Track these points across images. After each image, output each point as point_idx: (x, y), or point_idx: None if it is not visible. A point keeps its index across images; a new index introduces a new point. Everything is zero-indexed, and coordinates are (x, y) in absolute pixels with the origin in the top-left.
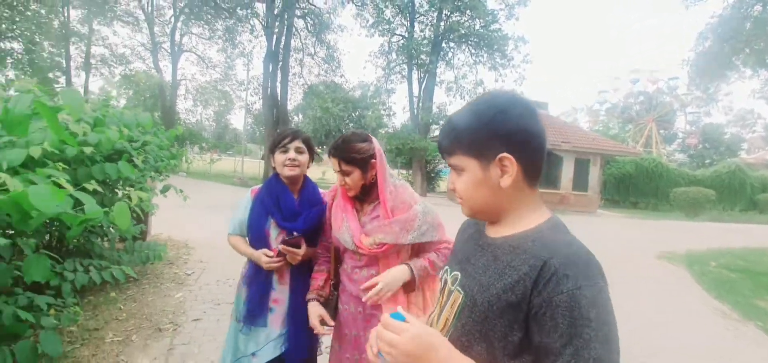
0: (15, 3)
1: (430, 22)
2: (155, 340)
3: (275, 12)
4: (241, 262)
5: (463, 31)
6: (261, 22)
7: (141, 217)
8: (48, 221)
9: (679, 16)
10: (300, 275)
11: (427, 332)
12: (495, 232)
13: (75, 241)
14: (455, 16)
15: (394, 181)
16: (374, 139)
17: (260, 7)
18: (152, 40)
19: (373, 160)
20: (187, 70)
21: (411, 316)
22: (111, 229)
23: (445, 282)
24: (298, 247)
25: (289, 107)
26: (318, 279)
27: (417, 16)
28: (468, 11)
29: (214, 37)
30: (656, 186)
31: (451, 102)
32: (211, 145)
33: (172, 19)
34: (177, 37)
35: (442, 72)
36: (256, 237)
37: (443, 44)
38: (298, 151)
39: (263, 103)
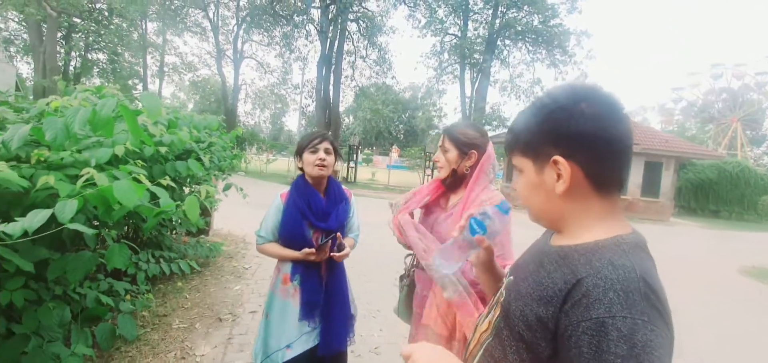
0: (101, 18)
1: (485, 19)
2: (216, 329)
3: (329, 17)
4: None
5: (519, 28)
6: (316, 28)
7: (208, 210)
8: (126, 214)
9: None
10: (331, 271)
11: (434, 349)
12: (556, 240)
13: (148, 233)
14: (512, 13)
15: (492, 187)
16: (489, 141)
17: (315, 13)
18: (217, 48)
19: (473, 151)
20: (247, 75)
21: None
22: (178, 223)
23: (502, 283)
24: (343, 247)
25: (341, 109)
26: None
27: (471, 14)
28: (526, 7)
29: (272, 44)
30: (741, 193)
31: (505, 102)
32: (268, 145)
33: (235, 28)
34: (239, 44)
35: (496, 71)
36: (294, 239)
37: (498, 42)
38: (327, 152)
39: (316, 106)
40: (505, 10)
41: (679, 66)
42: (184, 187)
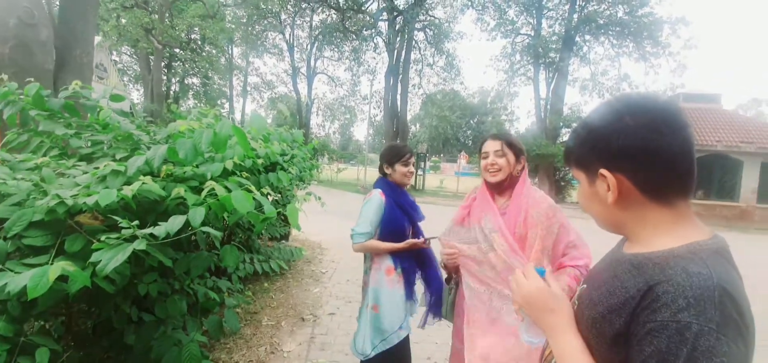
0: (195, 47)
1: (561, 15)
2: (299, 328)
3: (396, 28)
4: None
5: (602, 21)
6: (384, 40)
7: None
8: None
9: None
10: (421, 254)
11: (554, 295)
12: (628, 247)
13: (241, 237)
14: (592, 5)
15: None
16: None
17: (383, 26)
18: (293, 66)
19: (523, 157)
20: (319, 89)
21: (552, 277)
22: (264, 229)
23: (576, 292)
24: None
25: (408, 117)
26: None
27: (545, 11)
28: None
29: (342, 58)
30: None
31: (586, 102)
32: (337, 155)
33: (308, 46)
34: (312, 61)
35: (575, 69)
36: (398, 231)
37: (577, 38)
38: (413, 164)
39: (384, 115)
40: (584, 3)
41: None
42: (271, 194)
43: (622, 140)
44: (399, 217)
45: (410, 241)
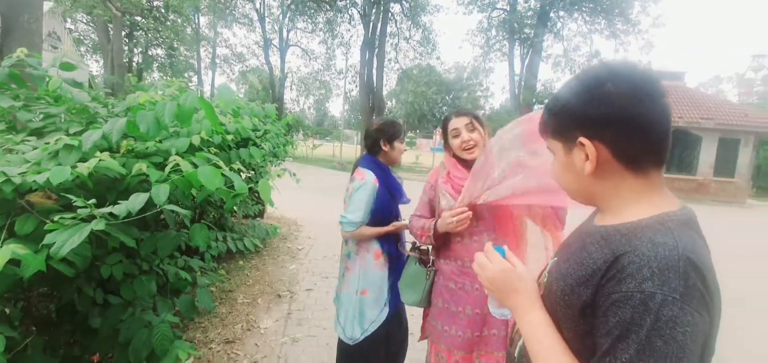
0: (158, 15)
1: None
2: (276, 305)
3: (372, 0)
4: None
5: None
6: (359, 11)
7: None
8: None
9: None
10: (398, 237)
11: (517, 273)
12: (599, 219)
13: (213, 215)
14: None
15: None
16: None
17: None
18: (264, 38)
19: (486, 127)
20: (293, 63)
21: (512, 255)
22: (238, 207)
23: (548, 264)
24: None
25: (384, 92)
26: (431, 222)
27: None
28: None
29: (316, 30)
30: None
31: (558, 78)
32: (313, 131)
33: (281, 17)
34: (284, 33)
35: (548, 45)
36: (388, 215)
37: (551, 14)
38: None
39: (360, 90)
40: None
41: (760, 32)
42: (242, 171)
43: (604, 107)
44: (388, 201)
45: (396, 223)
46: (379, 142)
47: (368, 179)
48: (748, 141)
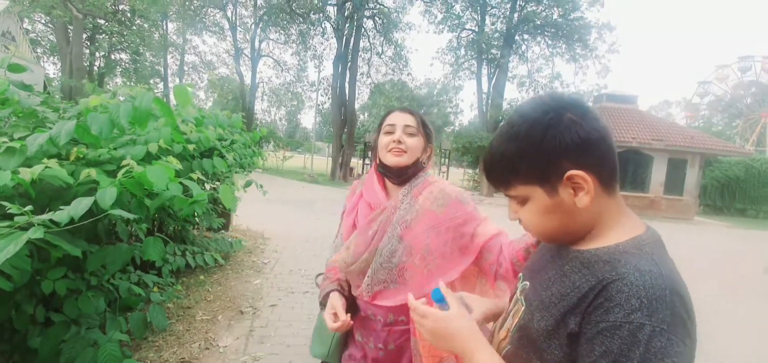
0: (123, 19)
1: (503, 14)
2: (238, 321)
3: (346, 14)
4: (310, 254)
5: (538, 22)
6: (332, 25)
7: (225, 210)
8: (157, 207)
9: None
10: None
11: (450, 318)
12: (576, 244)
13: (173, 228)
14: (531, 6)
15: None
16: None
17: (331, 11)
18: (235, 47)
19: (432, 144)
20: (264, 73)
21: (448, 292)
22: (201, 219)
23: (517, 289)
24: None
25: (356, 106)
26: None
27: (488, 8)
28: (545, 0)
29: (288, 42)
30: None
31: (523, 97)
32: (284, 143)
33: (253, 26)
34: (256, 43)
35: (514, 66)
36: None
37: (516, 37)
38: None
39: (332, 103)
40: (523, 3)
41: (705, 59)
42: (205, 184)
43: (580, 134)
44: None
45: None
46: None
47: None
48: (695, 161)
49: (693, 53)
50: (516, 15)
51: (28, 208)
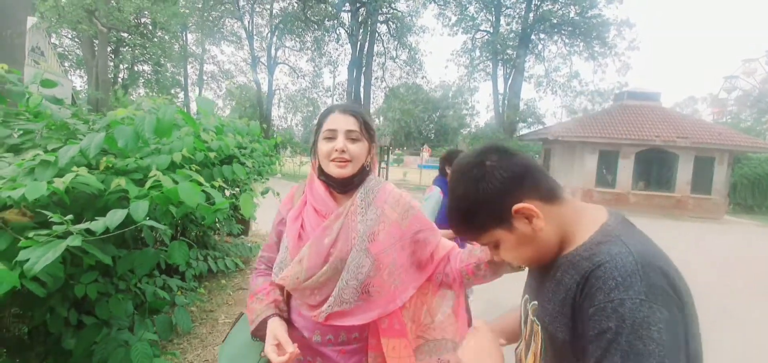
0: (145, 32)
1: (518, 14)
2: None
3: (359, 20)
4: None
5: (555, 21)
6: (346, 31)
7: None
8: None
9: None
10: None
11: (481, 352)
12: (562, 252)
13: (195, 233)
14: (546, 5)
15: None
16: None
17: (346, 17)
18: (252, 55)
19: (375, 144)
20: (280, 80)
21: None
22: (222, 225)
23: (527, 312)
24: None
25: (371, 110)
26: (273, 289)
27: (503, 9)
28: None
29: (303, 49)
30: None
31: (541, 97)
32: (300, 148)
33: (269, 35)
34: (272, 51)
35: (530, 66)
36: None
37: (532, 36)
38: None
39: None
40: (539, 3)
41: (732, 53)
42: (225, 191)
43: (505, 172)
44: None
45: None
46: (445, 166)
47: (434, 192)
48: (723, 159)
49: (718, 48)
50: (531, 14)
51: (69, 217)
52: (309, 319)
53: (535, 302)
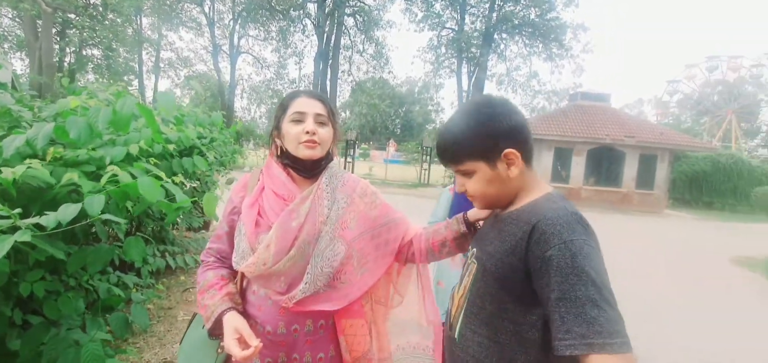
0: (95, 14)
1: (482, 13)
2: None
3: (326, 11)
4: None
5: (516, 22)
6: (312, 22)
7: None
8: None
9: None
10: None
11: None
12: (505, 210)
13: (152, 228)
14: (509, 6)
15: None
16: None
17: (312, 8)
18: (213, 43)
19: (338, 133)
20: (244, 70)
21: None
22: (181, 219)
23: (467, 257)
24: None
25: (337, 104)
26: (226, 282)
27: (468, 7)
28: (523, 0)
29: (268, 39)
30: (735, 185)
31: (501, 95)
32: (264, 141)
33: (231, 23)
34: (235, 39)
35: (493, 65)
36: None
37: (495, 36)
38: None
39: None
40: (502, 3)
41: (676, 59)
42: (184, 183)
43: (512, 123)
44: (467, 206)
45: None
46: None
47: (445, 191)
48: (665, 157)
49: (665, 53)
50: (494, 14)
51: (17, 211)
52: (271, 310)
53: (475, 248)
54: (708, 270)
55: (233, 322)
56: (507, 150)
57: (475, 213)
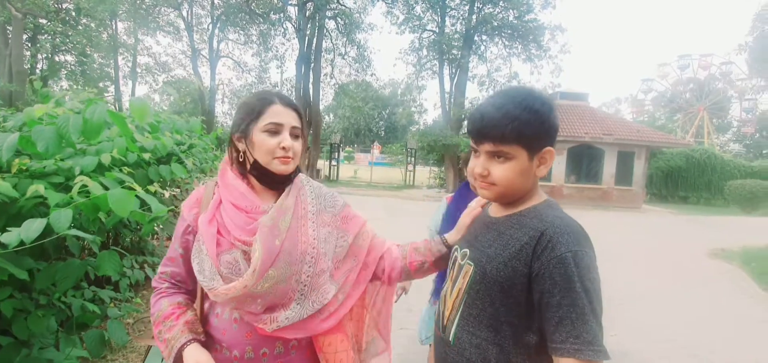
0: (68, 19)
1: (462, 15)
2: None
3: (307, 14)
4: None
5: (496, 24)
6: (293, 25)
7: None
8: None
9: None
10: None
11: None
12: (499, 212)
13: (130, 239)
14: (488, 8)
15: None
16: None
17: (292, 11)
18: (192, 48)
19: (305, 142)
20: (224, 74)
21: None
22: (161, 228)
23: (456, 258)
24: None
25: (321, 107)
26: (183, 311)
27: (448, 10)
28: (501, 2)
29: (248, 42)
30: (708, 179)
31: (483, 96)
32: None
33: (210, 27)
34: (214, 43)
35: (474, 66)
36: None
37: (475, 38)
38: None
39: None
40: (481, 5)
41: (649, 58)
42: (164, 191)
43: (557, 123)
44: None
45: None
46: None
47: (443, 200)
48: (641, 154)
49: (640, 52)
50: (474, 17)
51: None
52: (237, 334)
53: (467, 250)
54: (686, 263)
55: (194, 355)
56: (549, 148)
57: (454, 236)
